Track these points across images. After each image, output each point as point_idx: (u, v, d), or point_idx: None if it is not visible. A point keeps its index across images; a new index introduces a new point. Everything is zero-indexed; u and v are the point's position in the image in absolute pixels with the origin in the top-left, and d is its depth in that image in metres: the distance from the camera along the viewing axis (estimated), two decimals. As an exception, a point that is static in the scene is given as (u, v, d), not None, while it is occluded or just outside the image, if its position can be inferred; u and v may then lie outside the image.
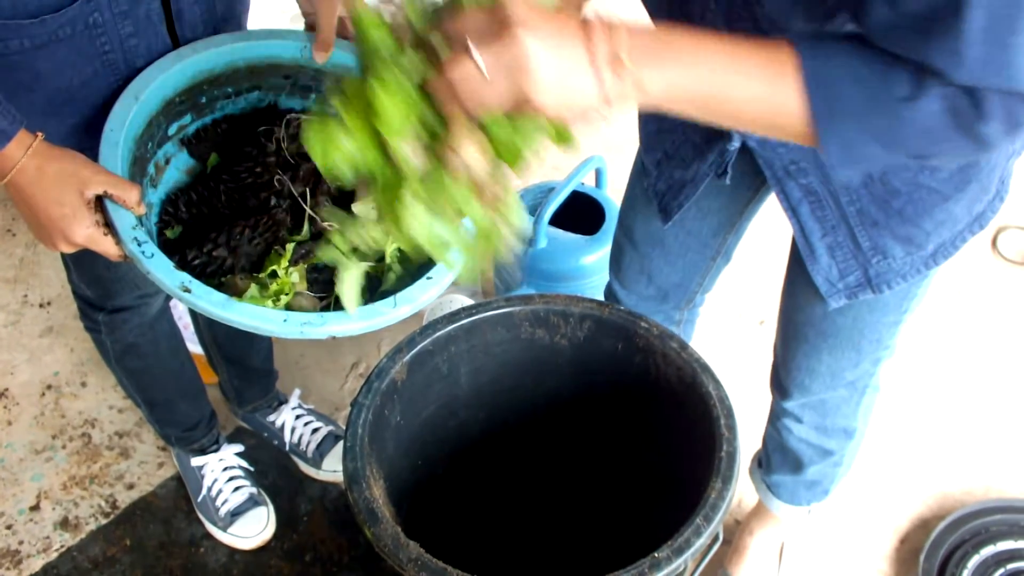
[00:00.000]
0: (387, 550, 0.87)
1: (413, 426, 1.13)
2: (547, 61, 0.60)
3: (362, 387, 1.04)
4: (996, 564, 1.43)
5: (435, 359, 1.11)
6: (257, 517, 1.52)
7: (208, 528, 1.54)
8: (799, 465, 1.26)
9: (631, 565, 0.84)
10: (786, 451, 1.26)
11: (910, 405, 1.72)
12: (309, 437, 1.61)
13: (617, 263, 1.27)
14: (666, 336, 1.07)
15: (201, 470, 1.54)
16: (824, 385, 1.12)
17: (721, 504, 0.90)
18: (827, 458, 1.24)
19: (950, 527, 1.48)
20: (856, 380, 1.12)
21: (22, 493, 1.60)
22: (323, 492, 1.59)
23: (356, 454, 0.96)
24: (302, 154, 1.04)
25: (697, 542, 0.87)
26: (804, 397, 1.15)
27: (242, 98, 1.10)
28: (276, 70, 1.07)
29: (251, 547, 1.51)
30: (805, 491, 1.32)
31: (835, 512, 1.55)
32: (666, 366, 1.07)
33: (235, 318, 0.89)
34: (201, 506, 1.55)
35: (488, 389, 1.19)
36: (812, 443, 1.22)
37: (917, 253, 0.91)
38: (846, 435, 1.22)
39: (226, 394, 1.65)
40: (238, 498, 1.52)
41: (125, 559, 1.51)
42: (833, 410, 1.17)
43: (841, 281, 0.95)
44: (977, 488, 1.59)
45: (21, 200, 0.91)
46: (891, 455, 1.64)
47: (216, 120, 1.09)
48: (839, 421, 1.19)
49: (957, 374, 1.77)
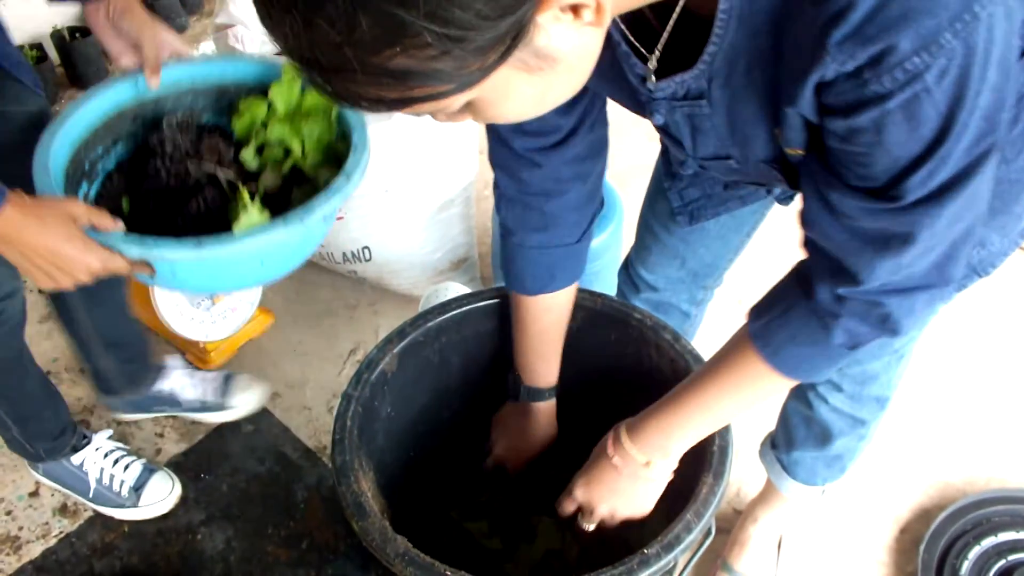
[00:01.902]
0: (374, 544, 0.87)
1: (404, 418, 1.12)
2: (622, 505, 0.98)
3: (351, 378, 1.03)
4: (997, 555, 1.42)
5: (426, 350, 1.10)
6: (160, 480, 1.54)
7: (116, 514, 1.53)
8: (827, 438, 1.23)
9: (619, 562, 0.83)
10: (813, 424, 1.23)
11: (912, 394, 1.70)
12: (207, 387, 1.64)
13: (645, 250, 1.26)
14: (659, 327, 1.06)
15: (82, 467, 1.52)
16: (870, 353, 1.10)
17: (712, 499, 0.89)
18: (856, 429, 1.22)
19: (951, 517, 1.46)
20: (901, 346, 1.11)
21: (21, 479, 1.61)
22: (320, 480, 1.59)
23: (345, 447, 0.95)
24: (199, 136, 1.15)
25: (687, 538, 0.86)
26: (849, 367, 1.13)
27: (112, 152, 1.16)
28: (123, 117, 1.14)
29: (168, 509, 1.53)
30: (825, 468, 1.29)
31: (835, 502, 1.54)
32: (659, 357, 1.06)
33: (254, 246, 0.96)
34: (98, 499, 1.53)
35: (480, 381, 1.18)
36: (845, 412, 1.19)
37: (1011, 235, 0.92)
38: (879, 404, 1.20)
39: (115, 391, 1.60)
40: (133, 473, 1.52)
41: (123, 545, 1.51)
42: (872, 378, 1.14)
43: None
44: (979, 478, 1.57)
45: (28, 252, 0.94)
46: (893, 444, 1.62)
47: (107, 175, 1.15)
48: (875, 390, 1.17)
49: (960, 363, 1.75)
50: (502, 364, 1.16)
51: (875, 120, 0.58)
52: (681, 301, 1.29)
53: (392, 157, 1.62)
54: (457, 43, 0.49)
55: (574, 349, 1.13)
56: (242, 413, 1.65)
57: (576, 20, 0.54)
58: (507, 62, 0.53)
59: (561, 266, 1.02)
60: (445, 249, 1.80)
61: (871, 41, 0.54)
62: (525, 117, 0.63)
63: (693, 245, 1.20)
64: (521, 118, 0.63)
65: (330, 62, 0.50)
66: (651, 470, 0.93)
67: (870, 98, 0.57)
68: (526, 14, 0.50)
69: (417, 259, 1.78)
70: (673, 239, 1.20)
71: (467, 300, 1.11)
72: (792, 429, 1.27)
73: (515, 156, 0.94)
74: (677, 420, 0.90)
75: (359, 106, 0.54)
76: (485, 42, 0.50)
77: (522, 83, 0.57)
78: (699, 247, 1.20)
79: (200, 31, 2.71)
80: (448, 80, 0.52)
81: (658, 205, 1.20)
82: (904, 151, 0.60)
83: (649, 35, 0.71)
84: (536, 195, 0.97)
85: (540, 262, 1.01)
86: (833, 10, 0.55)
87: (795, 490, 1.33)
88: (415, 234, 1.74)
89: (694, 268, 1.23)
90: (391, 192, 1.66)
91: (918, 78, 0.55)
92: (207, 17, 2.77)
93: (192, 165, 1.12)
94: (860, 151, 0.61)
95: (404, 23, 0.47)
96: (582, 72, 0.61)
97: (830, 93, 0.59)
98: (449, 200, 1.74)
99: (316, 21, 0.48)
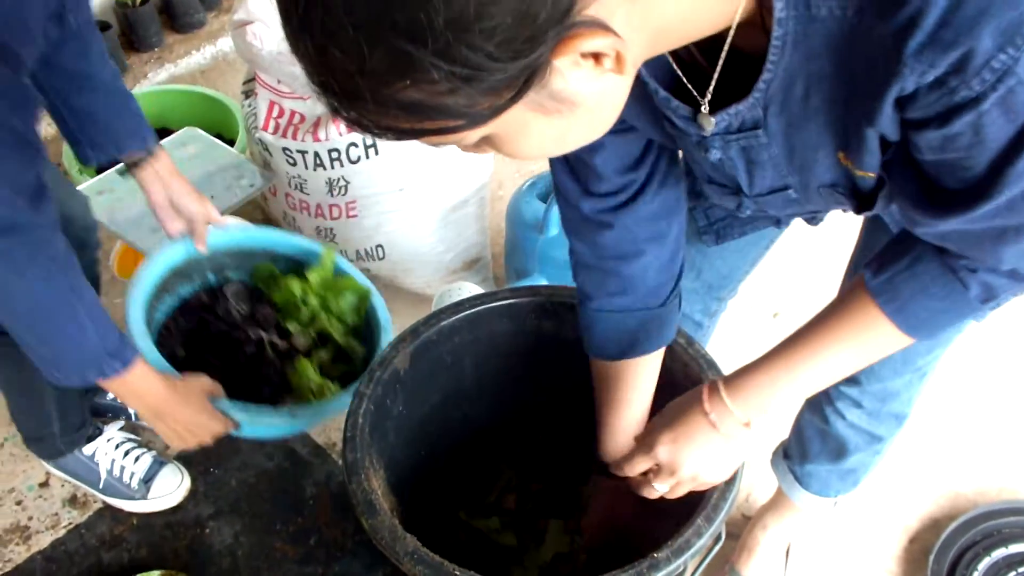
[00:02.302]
0: (384, 542, 0.87)
1: (416, 416, 1.12)
2: (709, 469, 0.88)
3: (364, 376, 1.03)
4: (1007, 567, 1.41)
5: (439, 349, 1.10)
6: (170, 473, 1.55)
7: (125, 506, 1.54)
8: (842, 452, 1.23)
9: (630, 565, 0.83)
10: (828, 438, 1.22)
11: (924, 404, 1.69)
12: None
13: None
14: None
15: (94, 457, 1.52)
16: (893, 371, 1.09)
17: (723, 504, 0.89)
18: (873, 444, 1.21)
19: (961, 528, 1.45)
20: (925, 365, 1.10)
21: (31, 470, 1.62)
22: (328, 476, 1.59)
23: (356, 444, 0.96)
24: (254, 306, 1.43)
25: (698, 543, 0.86)
26: (871, 384, 1.12)
27: (164, 306, 1.40)
28: (174, 276, 1.38)
29: (177, 502, 1.54)
30: (838, 481, 1.28)
31: (844, 510, 1.53)
32: (672, 361, 1.05)
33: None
34: (108, 490, 1.53)
35: (493, 380, 1.18)
36: (863, 428, 1.18)
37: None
38: (897, 421, 1.19)
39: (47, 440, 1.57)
40: (143, 465, 1.53)
41: (132, 538, 1.52)
42: (893, 396, 1.13)
43: None
44: (990, 489, 1.56)
45: (173, 422, 1.13)
46: (903, 454, 1.61)
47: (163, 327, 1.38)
48: (895, 407, 1.16)
49: (974, 372, 1.74)
50: (514, 365, 1.16)
51: (972, 124, 0.56)
52: (694, 311, 1.28)
53: (407, 156, 1.62)
54: (466, 82, 0.49)
55: (585, 353, 1.13)
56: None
57: (597, 67, 0.53)
58: (521, 102, 0.53)
59: (646, 329, 0.98)
60: (458, 249, 1.80)
61: (951, 46, 0.52)
62: (546, 155, 0.63)
63: (710, 257, 1.18)
64: (542, 155, 0.62)
65: (343, 88, 0.50)
66: (750, 431, 0.85)
67: (962, 104, 0.54)
68: (540, 57, 0.50)
69: (430, 258, 1.79)
70: (691, 250, 1.19)
71: (480, 300, 1.11)
72: (806, 442, 1.26)
73: (586, 220, 0.92)
74: (783, 378, 0.82)
75: (373, 133, 0.54)
76: (496, 82, 0.50)
77: (539, 123, 0.57)
78: (716, 259, 1.18)
79: (218, 28, 2.72)
80: (459, 116, 0.52)
81: None
82: (1004, 139, 0.57)
83: (694, 72, 0.70)
84: (613, 259, 0.94)
85: (623, 326, 0.97)
86: (903, 19, 0.52)
87: (807, 500, 1.32)
88: (429, 233, 1.74)
89: (709, 280, 1.21)
90: (406, 191, 1.67)
91: (1009, 73, 0.52)
92: (225, 14, 2.78)
93: (251, 331, 1.39)
94: (960, 156, 0.59)
95: (413, 58, 0.47)
96: (605, 117, 0.60)
97: (915, 107, 0.57)
98: (463, 200, 1.74)
99: (330, 49, 0.48)
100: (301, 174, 1.68)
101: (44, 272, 0.93)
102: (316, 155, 1.62)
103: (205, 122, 1.98)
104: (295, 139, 1.62)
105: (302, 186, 1.70)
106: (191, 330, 1.39)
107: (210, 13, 2.78)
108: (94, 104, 1.13)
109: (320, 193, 1.69)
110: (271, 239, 1.45)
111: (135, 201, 1.62)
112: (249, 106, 1.70)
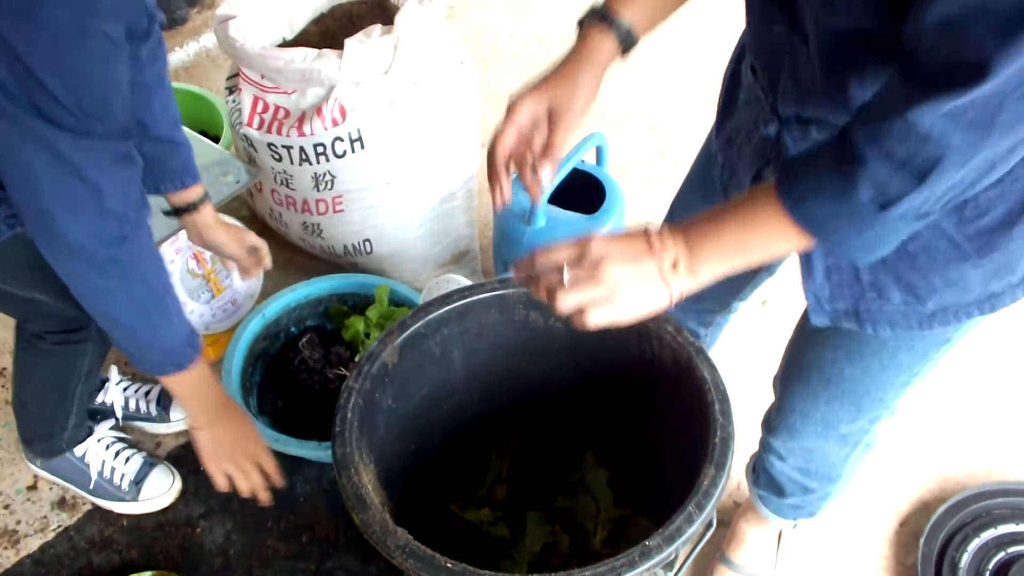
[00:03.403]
0: (375, 536, 0.87)
1: (406, 409, 1.12)
2: (629, 287, 0.77)
3: (352, 370, 1.02)
4: (996, 547, 1.42)
5: (427, 342, 1.10)
6: (161, 474, 1.54)
7: (115, 508, 1.53)
8: (781, 492, 1.25)
9: (622, 553, 0.83)
10: (770, 477, 1.23)
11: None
12: (143, 399, 1.64)
13: None
14: (661, 319, 1.05)
15: (84, 458, 1.51)
16: (815, 433, 1.07)
17: (714, 491, 0.89)
18: (809, 494, 1.22)
19: (951, 510, 1.46)
20: (849, 435, 1.08)
21: (19, 473, 1.60)
22: (320, 473, 1.58)
23: (345, 439, 0.95)
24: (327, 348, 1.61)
25: (689, 529, 0.86)
26: (793, 441, 1.11)
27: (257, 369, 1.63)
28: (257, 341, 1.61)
29: (168, 503, 1.53)
30: (790, 511, 1.29)
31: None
32: (661, 350, 1.06)
33: None
34: (97, 491, 1.52)
35: (482, 372, 1.18)
36: (794, 480, 1.19)
37: (915, 305, 0.86)
38: (830, 480, 1.18)
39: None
40: (134, 466, 1.53)
41: (122, 539, 1.51)
42: (819, 459, 1.13)
43: (829, 304, 0.89)
44: (979, 471, 1.57)
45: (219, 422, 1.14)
46: (893, 437, 1.62)
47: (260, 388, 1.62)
48: (823, 468, 1.15)
49: (961, 356, 1.75)
50: (503, 356, 1.15)
51: None
52: (687, 321, 1.26)
53: (394, 149, 1.62)
54: None
55: (575, 341, 1.13)
56: (180, 428, 1.65)
57: None
58: None
59: None
60: (446, 242, 1.80)
61: None
62: None
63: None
64: None
65: None
66: (673, 275, 0.77)
67: None
68: None
69: (418, 252, 1.78)
70: None
71: (468, 292, 1.10)
72: (759, 471, 1.27)
73: None
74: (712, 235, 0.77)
75: None
76: None
77: None
78: None
79: (201, 24, 2.70)
80: None
81: (683, 209, 1.17)
82: None
83: None
84: None
85: None
86: None
87: (769, 515, 1.33)
88: (416, 227, 1.74)
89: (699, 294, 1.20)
90: (392, 184, 1.66)
91: None
92: (208, 10, 2.76)
93: (330, 373, 1.56)
94: None
95: None
96: None
97: None
98: (451, 193, 1.73)
99: None
100: (287, 169, 1.67)
101: (146, 276, 1.00)
102: (301, 150, 1.61)
103: (189, 119, 1.96)
104: (280, 134, 1.61)
105: (288, 181, 1.69)
106: (284, 384, 1.60)
107: (193, 9, 2.76)
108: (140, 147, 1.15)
109: (306, 188, 1.68)
110: (335, 283, 1.66)
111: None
112: (233, 102, 1.69)
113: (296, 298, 1.64)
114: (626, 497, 1.25)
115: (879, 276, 0.85)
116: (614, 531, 1.22)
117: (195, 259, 1.67)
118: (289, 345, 1.65)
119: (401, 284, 1.66)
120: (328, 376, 1.57)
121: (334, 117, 1.56)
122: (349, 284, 1.67)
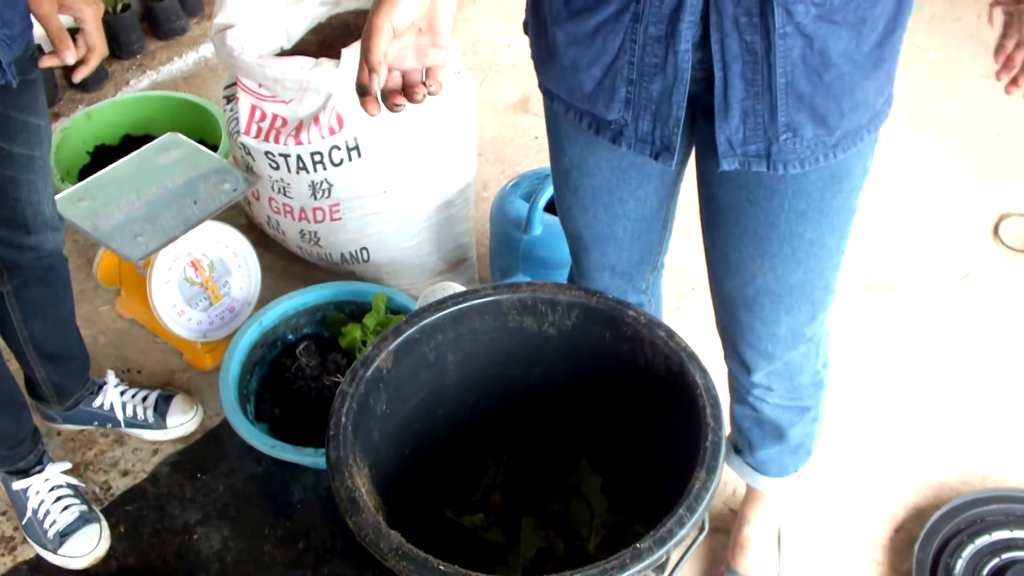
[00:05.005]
0: (368, 539, 0.87)
1: (400, 414, 1.13)
2: None
3: (347, 375, 1.03)
4: (991, 554, 1.42)
5: (422, 347, 1.11)
6: (88, 535, 1.48)
7: (37, 550, 1.49)
8: (781, 434, 1.26)
9: (613, 556, 0.84)
10: (764, 424, 1.26)
11: (907, 392, 1.71)
12: (141, 405, 1.63)
13: (577, 267, 1.26)
14: (653, 325, 1.06)
15: (25, 493, 1.48)
16: (787, 346, 1.12)
17: (705, 494, 0.89)
18: (805, 415, 1.25)
19: (945, 516, 1.47)
20: (814, 334, 1.14)
21: (17, 479, 1.61)
22: (316, 480, 1.59)
23: (339, 443, 0.96)
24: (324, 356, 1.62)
25: (680, 533, 0.86)
26: (771, 364, 1.15)
27: (254, 376, 1.64)
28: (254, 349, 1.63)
29: (83, 566, 1.47)
30: (791, 457, 1.32)
31: (830, 500, 1.54)
32: (653, 355, 1.06)
33: None
34: (27, 528, 1.49)
35: (476, 377, 1.18)
36: (788, 406, 1.22)
37: (823, 137, 0.90)
38: (816, 387, 1.23)
39: (45, 398, 1.60)
40: (67, 518, 1.47)
41: (119, 545, 1.51)
42: (798, 368, 1.17)
43: (742, 147, 0.91)
44: (973, 477, 1.58)
45: None
46: (887, 443, 1.63)
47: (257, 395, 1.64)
48: (806, 377, 1.19)
49: (955, 362, 1.76)
50: (497, 362, 1.16)
51: None
52: (628, 296, 1.28)
53: (391, 158, 1.63)
54: None
55: (568, 347, 1.14)
56: (177, 435, 1.65)
57: None
58: None
59: None
60: (444, 250, 1.81)
61: None
62: None
63: (611, 256, 1.19)
64: None
65: None
66: None
67: None
68: None
69: (416, 260, 1.79)
70: (593, 253, 1.20)
71: (463, 297, 1.11)
72: (747, 432, 1.30)
73: None
74: None
75: None
76: None
77: None
78: (621, 253, 1.18)
79: (200, 34, 2.72)
80: None
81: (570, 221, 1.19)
82: None
83: None
84: None
85: None
86: None
87: (772, 485, 1.35)
88: (413, 235, 1.75)
89: (624, 271, 1.22)
90: (390, 193, 1.67)
91: None
92: (207, 20, 2.78)
93: (327, 380, 1.57)
94: None
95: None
96: None
97: None
98: (448, 201, 1.75)
99: None
100: (284, 178, 1.68)
101: None
102: (299, 158, 1.63)
103: (187, 128, 1.98)
104: (277, 143, 1.63)
105: (285, 190, 1.70)
106: (281, 391, 1.62)
107: (192, 19, 2.78)
108: None
109: (303, 196, 1.70)
110: (332, 291, 1.68)
111: (118, 208, 1.62)
112: (231, 110, 1.70)
113: (293, 306, 1.66)
114: (620, 503, 1.25)
115: (794, 115, 0.88)
116: (608, 537, 1.23)
117: (193, 267, 1.68)
118: (286, 353, 1.65)
119: (398, 292, 1.67)
120: (325, 383, 1.58)
121: (331, 126, 1.57)
122: (346, 292, 1.68)
